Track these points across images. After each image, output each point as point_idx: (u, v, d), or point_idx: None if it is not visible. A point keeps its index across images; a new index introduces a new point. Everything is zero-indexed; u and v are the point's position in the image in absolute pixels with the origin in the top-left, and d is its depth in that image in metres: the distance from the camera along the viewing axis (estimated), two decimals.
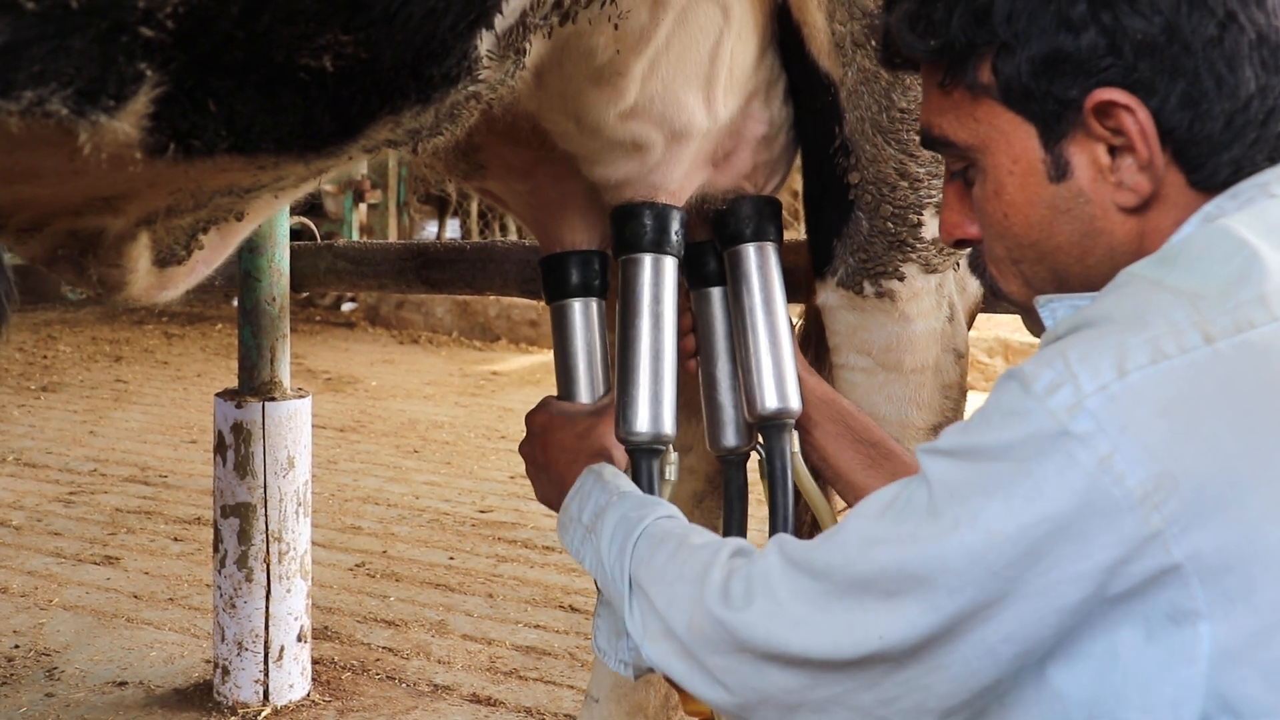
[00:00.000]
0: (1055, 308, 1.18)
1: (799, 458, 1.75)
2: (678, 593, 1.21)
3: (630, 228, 1.69)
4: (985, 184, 1.18)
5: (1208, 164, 1.09)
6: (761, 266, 1.75)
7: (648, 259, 1.69)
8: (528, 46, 1.32)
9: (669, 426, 1.67)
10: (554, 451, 1.64)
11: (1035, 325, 1.26)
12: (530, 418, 1.69)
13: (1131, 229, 1.12)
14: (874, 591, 1.04)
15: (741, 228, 1.76)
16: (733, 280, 1.77)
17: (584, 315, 1.81)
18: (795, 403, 1.72)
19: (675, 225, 1.69)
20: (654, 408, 1.66)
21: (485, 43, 1.22)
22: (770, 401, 1.71)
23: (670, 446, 1.70)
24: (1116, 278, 1.09)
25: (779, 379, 1.72)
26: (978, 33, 1.12)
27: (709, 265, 1.81)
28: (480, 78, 1.24)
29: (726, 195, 1.78)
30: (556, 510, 1.57)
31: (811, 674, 1.08)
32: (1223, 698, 0.97)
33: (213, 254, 1.63)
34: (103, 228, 1.41)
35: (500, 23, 1.22)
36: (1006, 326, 8.12)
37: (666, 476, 1.70)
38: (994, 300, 2.05)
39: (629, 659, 1.53)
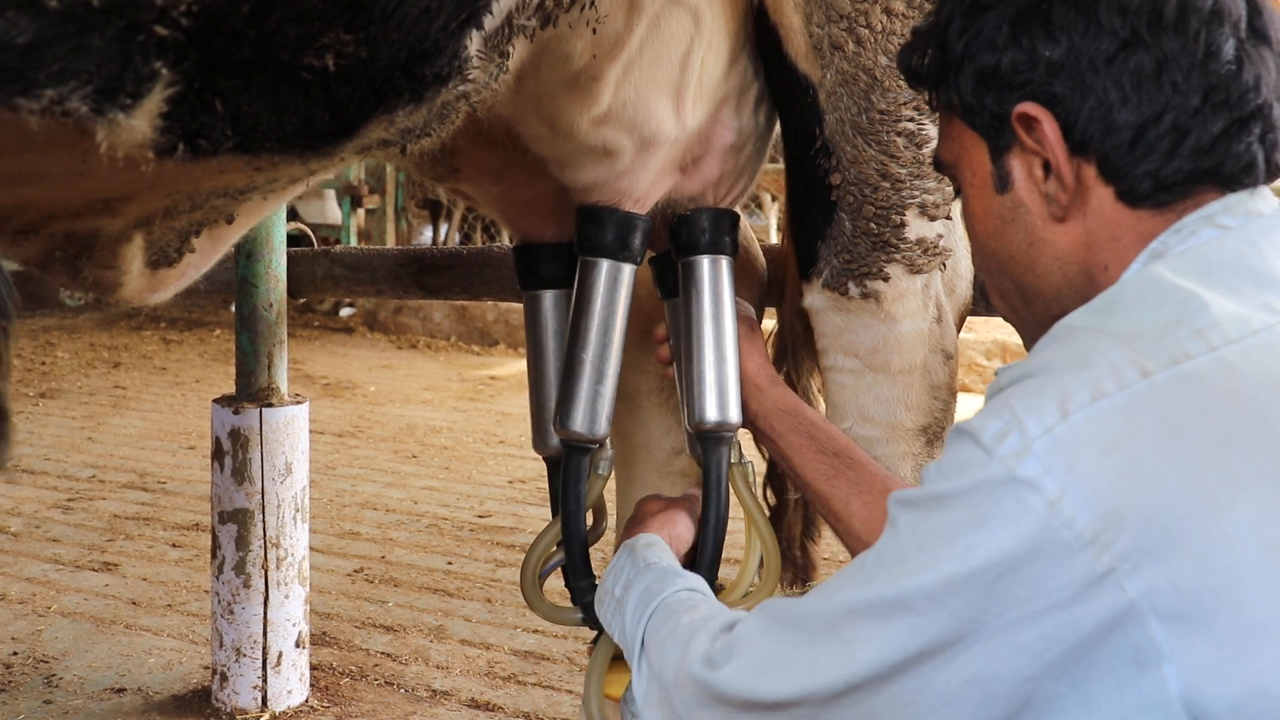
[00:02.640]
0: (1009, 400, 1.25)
1: (738, 470, 1.78)
2: (668, 655, 1.31)
3: (592, 231, 1.71)
4: (961, 199, 1.29)
5: (1126, 176, 1.15)
6: (713, 279, 1.77)
7: (605, 264, 1.71)
8: (511, 50, 1.34)
9: (603, 428, 1.73)
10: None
11: (1027, 343, 1.31)
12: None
13: (1073, 240, 1.19)
14: (838, 633, 1.09)
15: (697, 239, 1.78)
16: (684, 291, 1.79)
17: (555, 305, 1.87)
18: (735, 416, 1.74)
19: (638, 235, 1.72)
20: (591, 409, 1.71)
21: (475, 43, 1.24)
22: (710, 414, 1.74)
23: (606, 444, 1.77)
24: (1054, 329, 1.15)
25: (720, 392, 1.74)
26: (943, 58, 1.23)
27: (676, 275, 1.83)
28: (470, 78, 1.26)
29: (691, 202, 1.79)
30: None
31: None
32: None
33: (203, 258, 1.66)
34: (99, 230, 1.43)
35: (489, 23, 1.24)
36: (1005, 329, 8.12)
37: (599, 472, 1.78)
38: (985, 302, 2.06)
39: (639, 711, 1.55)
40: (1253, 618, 0.96)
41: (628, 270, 1.73)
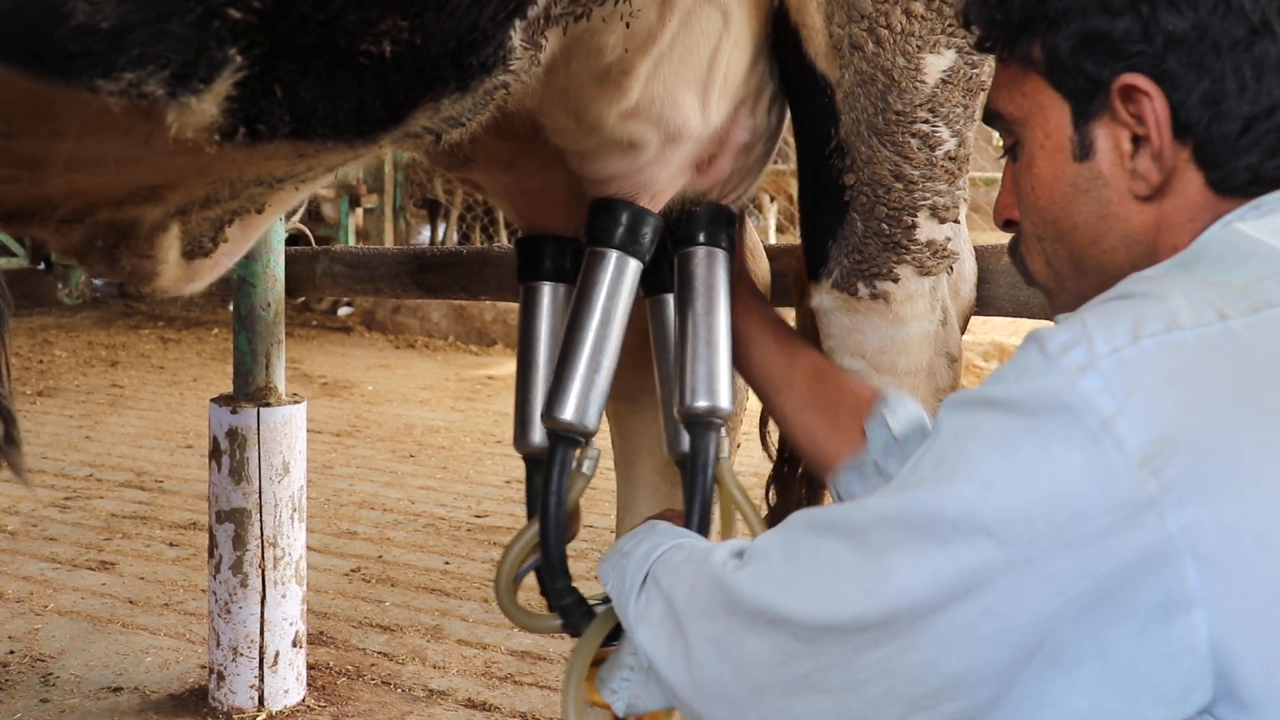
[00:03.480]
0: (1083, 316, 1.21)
1: (726, 464, 1.73)
2: (683, 573, 1.25)
3: (604, 221, 1.69)
4: (1022, 158, 1.24)
5: (1224, 165, 1.12)
6: (708, 270, 1.75)
7: (613, 255, 1.68)
8: (545, 41, 1.34)
9: (593, 421, 1.66)
10: None
11: (1059, 312, 1.28)
12: None
13: (1147, 219, 1.15)
14: (866, 546, 1.04)
15: (694, 232, 1.77)
16: (678, 281, 1.77)
17: (552, 299, 1.83)
18: (725, 403, 1.70)
19: (648, 231, 1.69)
20: (582, 399, 1.65)
21: (518, 33, 1.25)
22: (700, 399, 1.70)
23: (592, 441, 1.70)
24: (1133, 276, 1.11)
25: (710, 379, 1.70)
26: (1036, 9, 1.18)
27: (664, 272, 1.82)
28: (512, 68, 1.27)
29: (699, 198, 1.79)
30: None
31: (789, 643, 1.08)
32: (1227, 681, 0.95)
33: (235, 247, 1.68)
34: (140, 218, 1.45)
35: (532, 12, 1.25)
36: (1002, 330, 8.13)
37: (583, 470, 1.70)
38: (987, 304, 2.06)
39: (619, 688, 1.48)
40: None
41: (634, 265, 1.70)
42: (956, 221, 1.83)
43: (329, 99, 1.12)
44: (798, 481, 2.10)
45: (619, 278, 1.69)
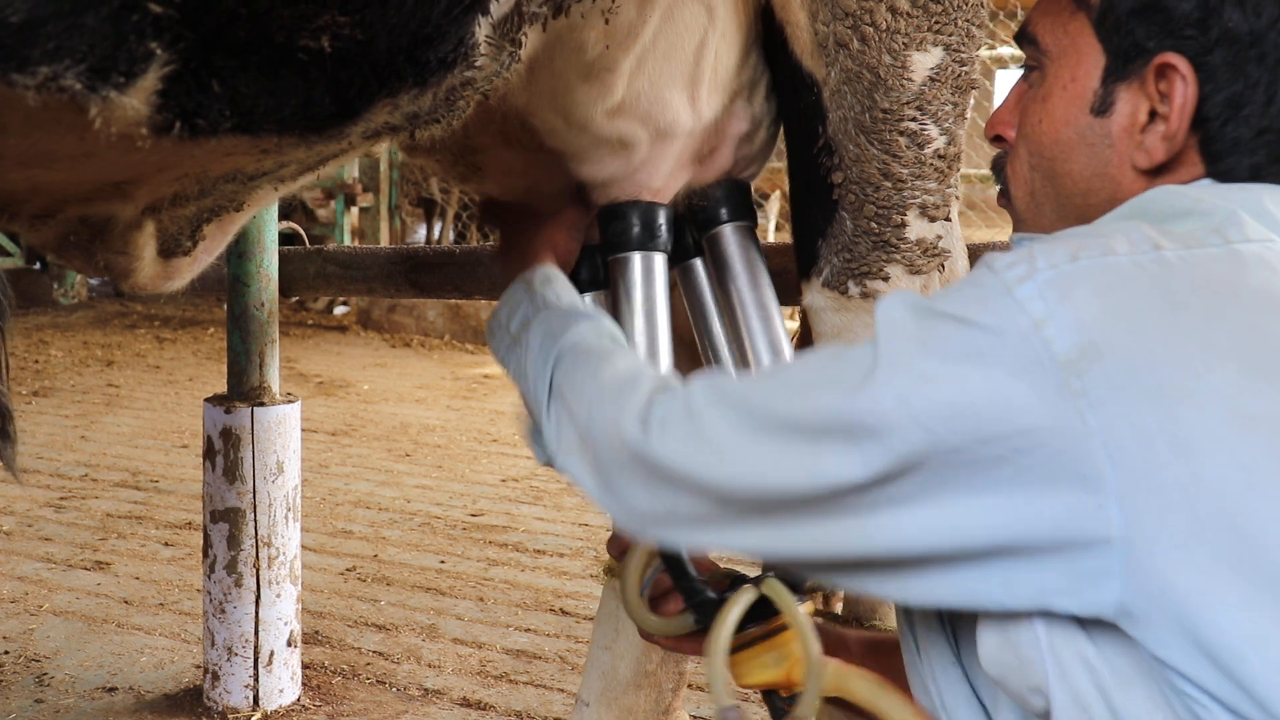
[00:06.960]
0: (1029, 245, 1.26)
1: None
2: (596, 415, 1.27)
3: (617, 228, 1.70)
4: (1040, 88, 1.27)
5: (1228, 161, 1.16)
6: (741, 245, 1.78)
7: (637, 257, 1.70)
8: (524, 38, 1.34)
9: None
10: (507, 248, 1.67)
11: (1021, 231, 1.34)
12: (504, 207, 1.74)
13: (1138, 189, 1.19)
14: (806, 433, 1.08)
15: (716, 211, 1.78)
16: (715, 264, 1.79)
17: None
18: None
19: (662, 221, 1.71)
20: None
21: (483, 29, 1.24)
22: None
23: None
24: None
25: (773, 349, 1.74)
26: None
27: (685, 238, 1.83)
28: (476, 64, 1.27)
29: (706, 188, 1.80)
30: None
31: (724, 505, 1.13)
32: (1134, 580, 0.98)
33: (214, 243, 1.68)
34: (112, 215, 1.44)
35: (496, 10, 1.24)
36: None
37: None
38: None
39: (544, 459, 1.50)
40: (1202, 473, 0.96)
41: (659, 259, 1.71)
42: (948, 220, 1.83)
43: (271, 94, 1.12)
44: None
45: (649, 276, 1.70)
